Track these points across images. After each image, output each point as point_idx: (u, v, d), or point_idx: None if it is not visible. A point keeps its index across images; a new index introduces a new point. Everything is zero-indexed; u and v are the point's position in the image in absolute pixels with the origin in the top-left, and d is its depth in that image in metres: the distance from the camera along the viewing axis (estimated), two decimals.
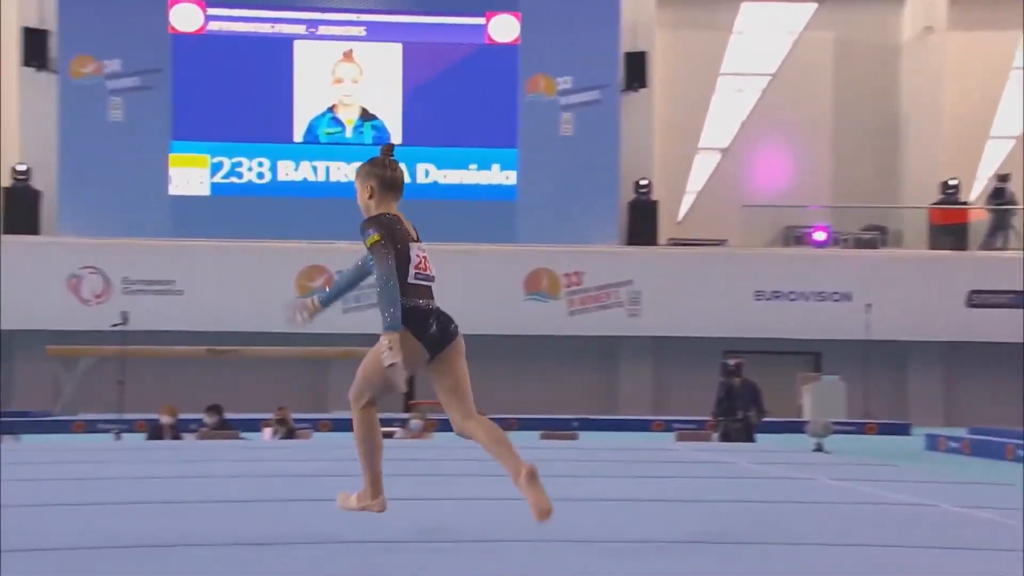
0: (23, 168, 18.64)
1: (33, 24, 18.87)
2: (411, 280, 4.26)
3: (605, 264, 19.10)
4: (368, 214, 4.27)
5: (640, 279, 19.03)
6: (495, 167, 19.96)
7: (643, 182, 20.15)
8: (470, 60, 19.82)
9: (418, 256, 4.31)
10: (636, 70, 20.08)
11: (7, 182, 18.68)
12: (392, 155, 4.37)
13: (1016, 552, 4.15)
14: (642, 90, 20.18)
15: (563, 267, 18.93)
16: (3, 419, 14.80)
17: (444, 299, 4.18)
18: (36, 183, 18.72)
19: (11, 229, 18.43)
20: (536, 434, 12.47)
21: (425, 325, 4.27)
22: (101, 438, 13.32)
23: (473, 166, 19.90)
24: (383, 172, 4.30)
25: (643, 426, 16.51)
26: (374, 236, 4.14)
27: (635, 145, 20.25)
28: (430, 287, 4.38)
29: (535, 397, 18.41)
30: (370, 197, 4.28)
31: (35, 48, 18.80)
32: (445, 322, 4.33)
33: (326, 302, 4.45)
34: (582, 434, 13.03)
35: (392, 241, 4.18)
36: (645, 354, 19.63)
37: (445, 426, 14.07)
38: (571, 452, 9.05)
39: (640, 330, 19.08)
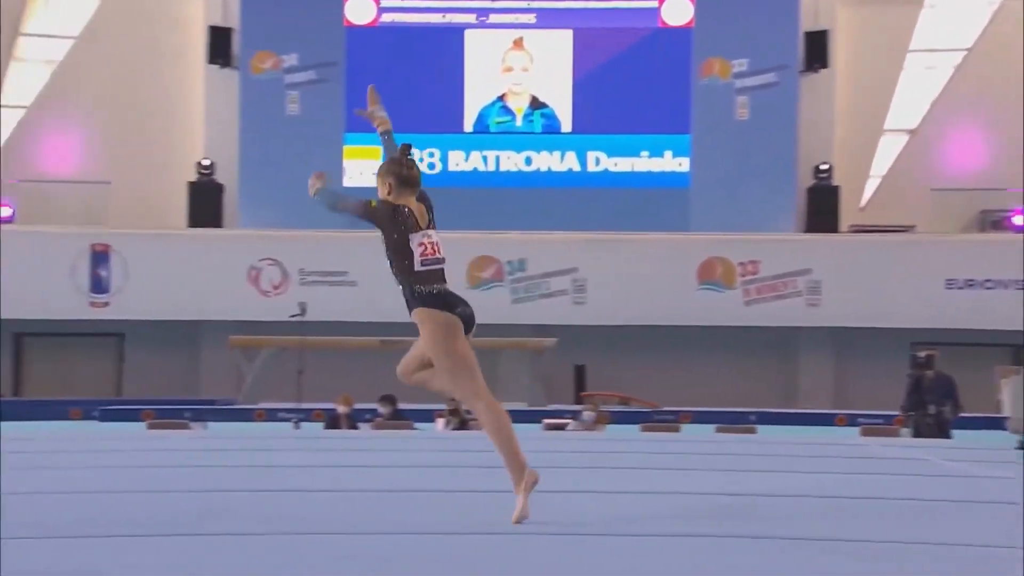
0: (207, 163, 19.56)
1: (218, 22, 19.79)
2: (419, 268, 4.64)
3: (782, 252, 18.63)
4: None
5: (820, 268, 18.48)
6: (667, 154, 19.74)
7: (823, 166, 19.55)
8: (642, 45, 19.64)
9: (423, 244, 4.65)
10: (817, 50, 19.47)
11: (192, 177, 19.64)
12: (409, 155, 4.76)
13: None
14: (823, 71, 19.56)
15: (738, 256, 18.57)
16: (192, 407, 15.61)
17: (616, 289, 4.13)
18: (219, 177, 19.61)
19: (196, 222, 19.37)
20: (712, 427, 12.28)
21: (452, 303, 4.64)
22: (281, 427, 13.86)
23: (645, 153, 19.73)
24: (400, 170, 4.69)
25: (825, 420, 16.02)
26: (374, 200, 4.63)
27: (815, 128, 19.65)
28: (441, 270, 4.71)
29: (710, 390, 18.12)
30: (388, 193, 4.66)
31: (219, 46, 19.69)
32: (469, 306, 4.69)
33: (322, 195, 4.81)
34: (760, 428, 12.74)
35: (389, 225, 4.62)
36: (825, 346, 19.06)
37: (619, 419, 14.04)
38: (749, 446, 8.86)
39: (820, 320, 18.53)
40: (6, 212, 18.93)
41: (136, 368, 19.02)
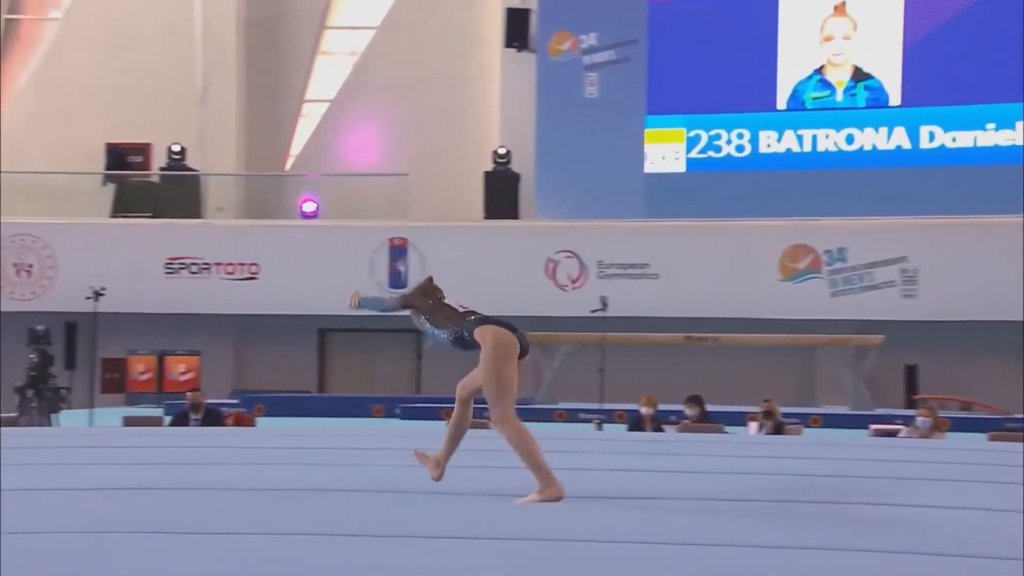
0: (503, 152, 20.11)
1: (515, 4, 20.31)
2: (463, 310, 5.58)
3: None
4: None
5: None
6: (1019, 125, 18.33)
7: None
8: (990, 1, 18.34)
9: (458, 303, 5.68)
10: None
11: (489, 166, 20.25)
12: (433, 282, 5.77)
13: None
14: None
15: None
16: None
17: (953, 280, 3.83)
18: (516, 166, 20.11)
19: (492, 214, 19.96)
20: None
21: (512, 327, 5.41)
22: (582, 427, 14.02)
23: (991, 125, 18.42)
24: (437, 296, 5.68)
25: None
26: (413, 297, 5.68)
27: None
28: None
29: None
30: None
31: (516, 28, 20.19)
32: (525, 336, 5.45)
33: (365, 303, 5.71)
34: None
35: (423, 301, 5.66)
36: None
37: (960, 426, 13.15)
38: None
39: None
40: (311, 207, 20.31)
41: (433, 365, 19.85)
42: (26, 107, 21.07)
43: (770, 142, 19.27)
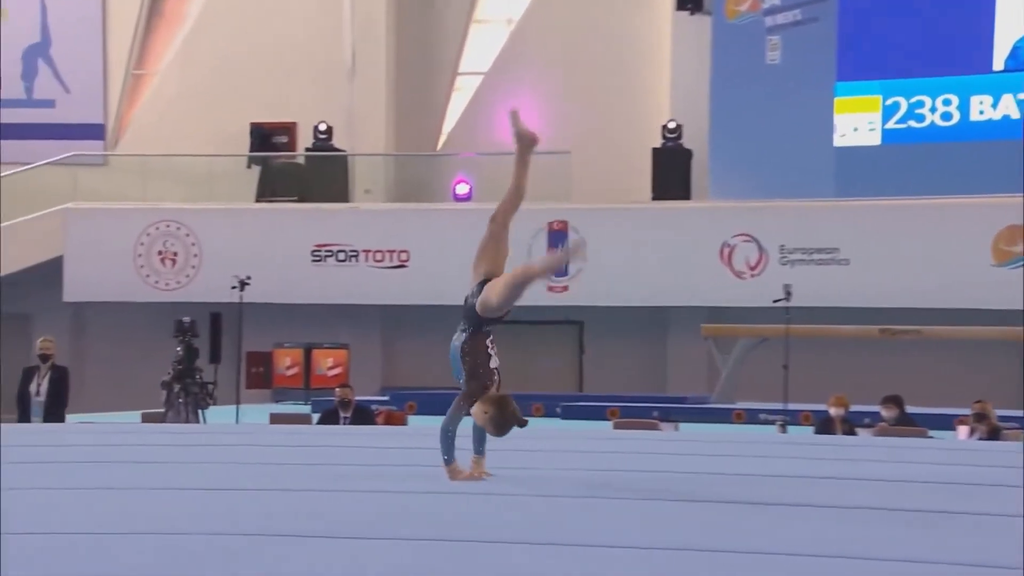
0: (673, 126, 19.85)
1: None
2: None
3: None
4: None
5: None
6: None
7: None
8: None
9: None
10: None
11: (657, 142, 20.02)
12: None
13: None
14: None
15: None
16: (660, 405, 15.95)
17: None
18: (687, 142, 19.84)
19: (661, 194, 19.74)
20: None
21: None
22: (764, 430, 13.75)
23: None
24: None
25: None
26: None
27: None
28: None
29: None
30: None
31: None
32: None
33: (448, 446, 6.00)
34: None
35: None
36: None
37: None
38: None
39: None
40: (464, 190, 20.43)
41: (596, 360, 19.78)
42: (170, 88, 21.79)
43: (983, 108, 18.53)
